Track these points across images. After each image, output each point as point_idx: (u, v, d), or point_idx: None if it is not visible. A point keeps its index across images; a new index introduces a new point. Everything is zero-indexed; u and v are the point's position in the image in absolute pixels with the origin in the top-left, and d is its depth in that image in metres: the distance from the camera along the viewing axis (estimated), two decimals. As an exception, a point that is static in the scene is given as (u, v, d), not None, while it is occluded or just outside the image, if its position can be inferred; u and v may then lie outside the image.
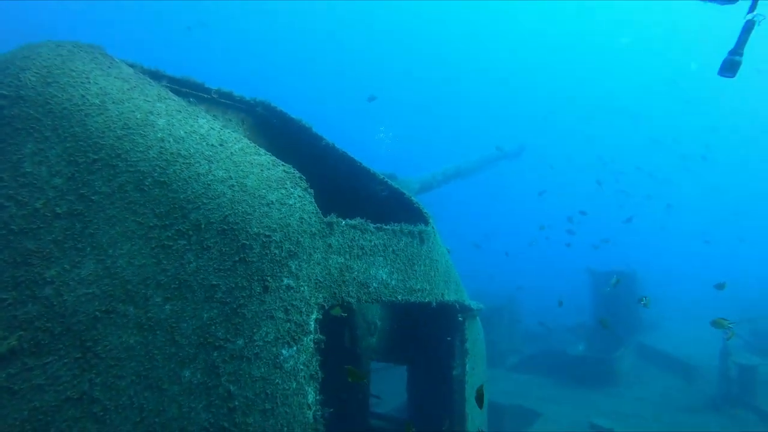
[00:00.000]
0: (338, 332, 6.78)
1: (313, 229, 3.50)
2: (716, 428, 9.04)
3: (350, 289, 3.61)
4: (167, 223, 3.22)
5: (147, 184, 3.27)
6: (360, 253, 3.73)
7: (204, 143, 3.52)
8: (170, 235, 3.21)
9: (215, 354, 3.09)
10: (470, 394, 5.35)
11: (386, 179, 4.85)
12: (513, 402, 11.26)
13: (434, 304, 4.35)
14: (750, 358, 10.50)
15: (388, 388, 7.73)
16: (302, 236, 3.43)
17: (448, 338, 5.49)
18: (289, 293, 3.29)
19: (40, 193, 3.15)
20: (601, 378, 11.72)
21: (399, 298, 3.96)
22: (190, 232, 3.23)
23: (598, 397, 11.11)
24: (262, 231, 3.30)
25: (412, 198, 4.78)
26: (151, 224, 3.21)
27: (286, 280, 3.29)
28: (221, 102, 4.89)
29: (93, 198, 3.20)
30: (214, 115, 4.92)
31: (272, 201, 3.42)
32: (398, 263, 4.01)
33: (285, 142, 5.15)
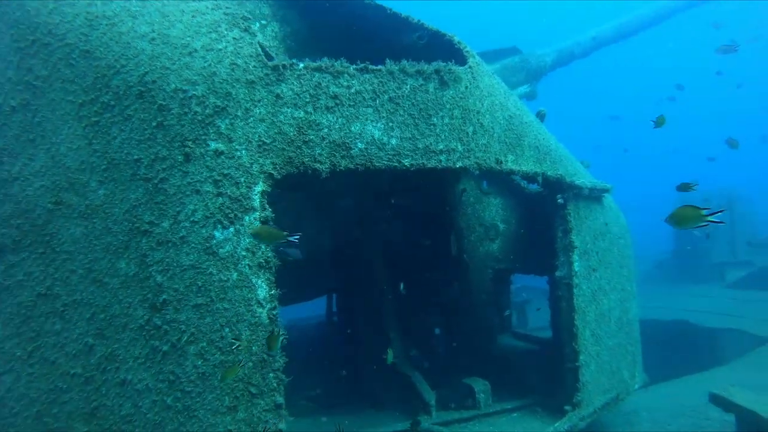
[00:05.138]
0: (445, 239, 5.80)
1: (251, 77, 2.62)
2: None
3: (317, 152, 2.65)
4: (93, 96, 2.75)
5: (74, 56, 2.82)
6: (332, 105, 2.70)
7: None
8: (96, 109, 2.73)
9: (143, 241, 2.56)
10: (585, 303, 3.90)
11: (422, 21, 3.58)
12: (727, 325, 8.68)
13: (474, 169, 3.05)
14: None
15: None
16: (234, 86, 2.59)
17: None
18: (218, 160, 2.53)
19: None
20: None
21: (406, 163, 2.82)
22: (113, 102, 2.70)
23: None
24: (180, 86, 2.57)
25: (454, 37, 3.44)
26: (80, 101, 2.77)
27: (213, 144, 2.53)
28: None
29: (35, 84, 2.89)
30: None
31: (196, 48, 2.64)
32: (401, 115, 2.84)
33: (316, 13, 4.26)
